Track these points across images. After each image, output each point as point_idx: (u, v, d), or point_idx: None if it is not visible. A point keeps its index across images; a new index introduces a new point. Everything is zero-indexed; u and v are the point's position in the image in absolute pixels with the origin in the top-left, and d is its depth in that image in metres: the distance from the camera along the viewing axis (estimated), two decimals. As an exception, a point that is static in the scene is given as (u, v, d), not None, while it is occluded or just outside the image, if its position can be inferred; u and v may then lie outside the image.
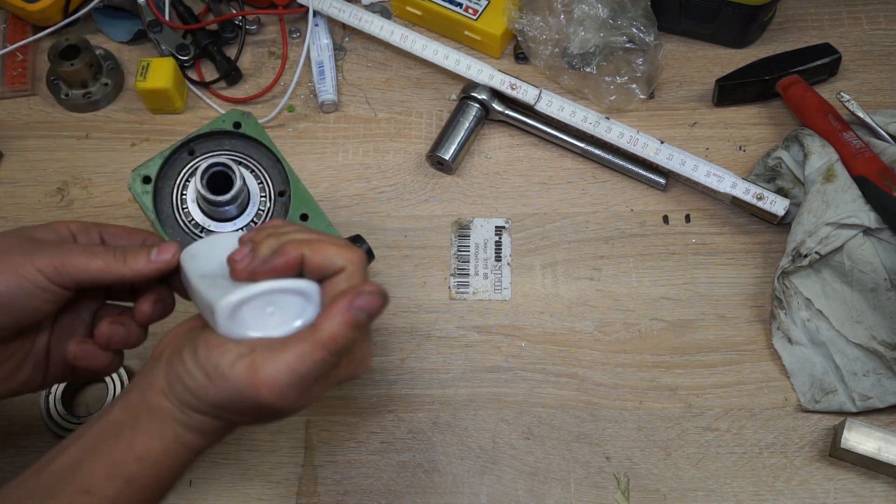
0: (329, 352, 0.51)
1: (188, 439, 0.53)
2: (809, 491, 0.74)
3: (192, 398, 0.52)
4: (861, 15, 0.95)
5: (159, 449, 0.53)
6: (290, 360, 0.50)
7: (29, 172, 0.88)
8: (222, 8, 0.95)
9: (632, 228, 0.85)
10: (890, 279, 0.77)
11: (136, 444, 0.53)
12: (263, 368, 0.50)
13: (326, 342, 0.50)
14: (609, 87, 0.89)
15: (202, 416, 0.53)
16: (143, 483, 0.53)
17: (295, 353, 0.50)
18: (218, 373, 0.51)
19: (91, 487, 0.52)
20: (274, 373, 0.50)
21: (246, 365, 0.50)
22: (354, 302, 0.51)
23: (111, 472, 0.52)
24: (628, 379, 0.78)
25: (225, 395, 0.51)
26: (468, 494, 0.74)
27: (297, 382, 0.50)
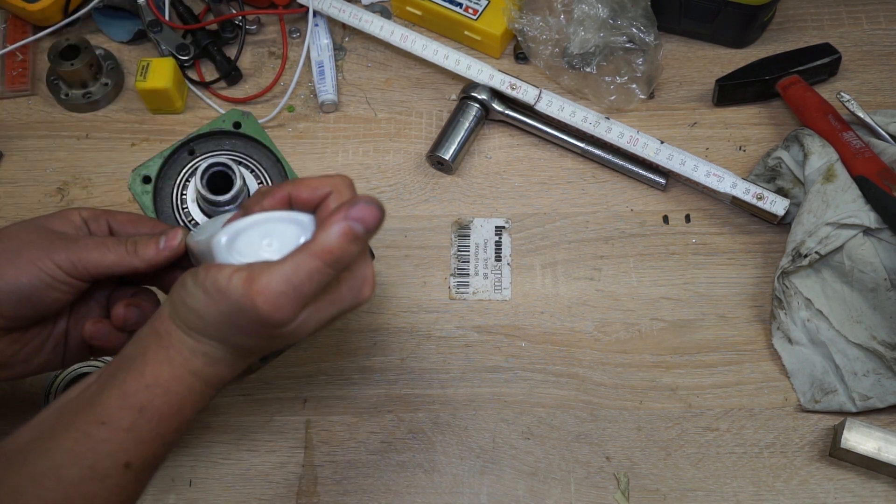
0: (325, 262, 0.50)
1: (196, 366, 0.54)
2: (809, 491, 0.74)
3: (194, 318, 0.52)
4: (861, 15, 0.95)
5: (168, 375, 0.53)
6: (286, 270, 0.50)
7: (29, 172, 0.88)
8: (222, 8, 0.95)
9: (632, 228, 0.85)
10: (890, 279, 0.77)
11: (146, 371, 0.53)
12: (259, 279, 0.50)
13: (321, 253, 0.50)
14: (609, 87, 0.89)
15: (207, 338, 0.53)
16: (156, 411, 0.53)
17: (291, 264, 0.50)
18: (216, 288, 0.51)
19: (106, 418, 0.52)
20: (268, 281, 0.50)
21: (243, 277, 0.50)
22: (349, 212, 0.51)
23: (124, 402, 0.53)
24: (628, 379, 0.78)
25: (224, 309, 0.51)
26: (468, 494, 0.74)
27: (293, 292, 0.50)
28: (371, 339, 0.80)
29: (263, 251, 0.53)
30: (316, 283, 0.51)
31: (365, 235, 0.52)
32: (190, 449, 0.76)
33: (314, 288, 0.51)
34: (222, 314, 0.51)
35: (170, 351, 0.53)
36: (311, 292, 0.51)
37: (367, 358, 0.80)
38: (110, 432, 0.52)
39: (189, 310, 0.53)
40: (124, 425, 0.52)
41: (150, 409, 0.53)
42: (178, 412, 0.54)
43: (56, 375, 0.76)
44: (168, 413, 0.54)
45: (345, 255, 0.51)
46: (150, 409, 0.53)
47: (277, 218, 0.54)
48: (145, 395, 0.53)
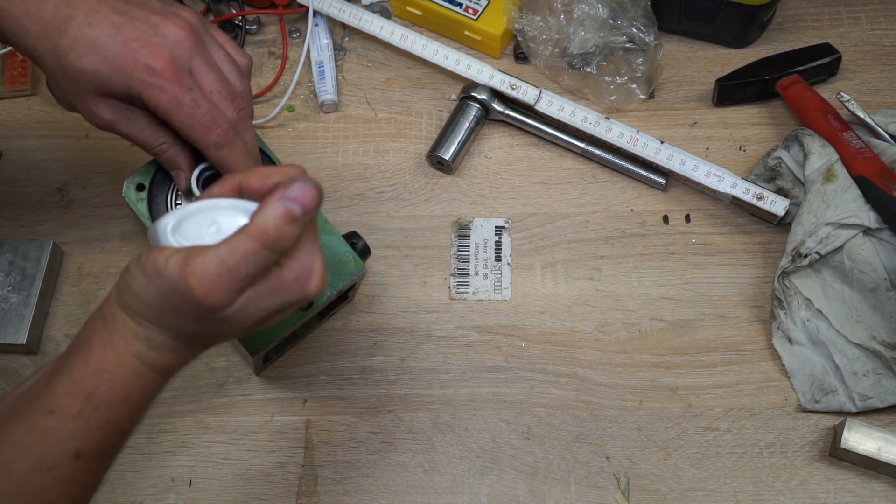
0: (261, 244, 0.50)
1: (139, 349, 0.53)
2: (809, 491, 0.74)
3: (135, 301, 0.52)
4: (861, 15, 0.95)
5: (113, 360, 0.52)
6: (221, 251, 0.50)
7: (29, 172, 0.88)
8: (222, 8, 0.95)
9: (632, 228, 0.85)
10: (890, 279, 0.77)
11: (91, 357, 0.53)
12: (194, 260, 0.50)
13: (257, 233, 0.50)
14: (609, 87, 0.89)
15: (148, 322, 0.52)
16: (104, 397, 0.52)
17: (226, 245, 0.50)
18: (155, 269, 0.50)
19: (54, 407, 0.52)
20: (203, 263, 0.49)
21: (180, 259, 0.50)
22: (285, 193, 0.50)
23: (72, 389, 0.52)
24: (628, 379, 0.78)
25: (162, 291, 0.50)
26: (468, 494, 0.74)
27: (227, 274, 0.49)
28: (371, 339, 0.80)
29: (207, 237, 0.53)
30: (252, 266, 0.50)
31: (302, 216, 0.51)
32: (190, 449, 0.76)
33: (250, 270, 0.50)
34: (160, 296, 0.51)
35: (114, 335, 0.53)
36: (246, 275, 0.50)
37: (367, 358, 0.80)
38: (58, 420, 0.52)
39: (131, 293, 0.52)
40: (72, 413, 0.52)
41: (97, 395, 0.52)
42: (125, 398, 0.53)
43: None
44: (116, 399, 0.53)
45: (282, 237, 0.50)
46: (97, 395, 0.52)
47: (224, 205, 0.54)
48: (92, 381, 0.52)
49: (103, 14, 0.58)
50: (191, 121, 0.60)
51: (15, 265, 0.80)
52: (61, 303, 0.82)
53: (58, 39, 0.58)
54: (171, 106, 0.59)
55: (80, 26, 0.58)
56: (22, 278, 0.80)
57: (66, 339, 0.80)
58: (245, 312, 0.52)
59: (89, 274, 0.83)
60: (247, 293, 0.51)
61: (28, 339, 0.78)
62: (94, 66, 0.58)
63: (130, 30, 0.58)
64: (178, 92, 0.59)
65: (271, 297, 0.52)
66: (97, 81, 0.59)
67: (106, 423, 0.53)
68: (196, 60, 0.60)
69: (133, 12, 0.59)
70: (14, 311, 0.78)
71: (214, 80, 0.61)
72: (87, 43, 0.58)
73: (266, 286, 0.52)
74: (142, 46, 0.58)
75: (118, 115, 0.61)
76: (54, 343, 0.80)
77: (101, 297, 0.82)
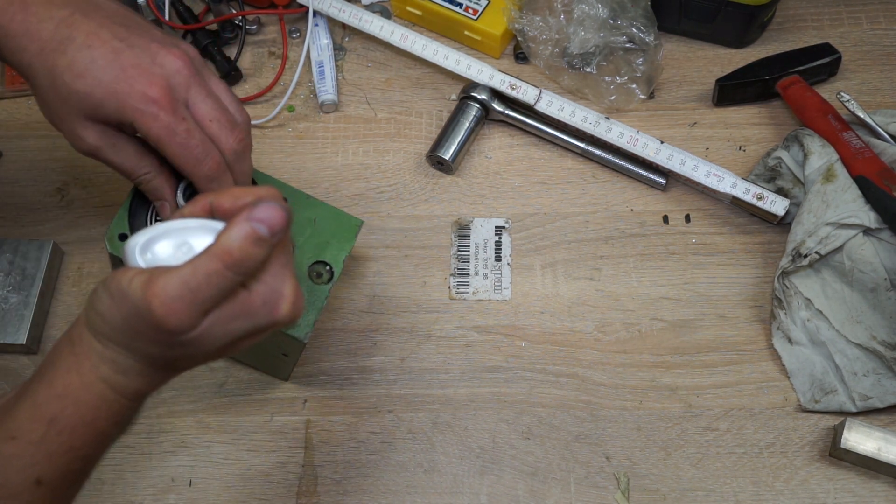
0: (225, 265, 0.48)
1: (105, 373, 0.51)
2: (809, 491, 0.74)
3: (100, 322, 0.51)
4: (861, 15, 0.95)
5: (78, 383, 0.51)
6: (184, 272, 0.48)
7: (29, 172, 0.88)
8: (222, 8, 0.95)
9: (632, 228, 0.85)
10: (890, 279, 0.77)
11: (55, 381, 0.51)
12: (156, 281, 0.48)
13: (221, 253, 0.48)
14: (609, 87, 0.89)
15: (114, 344, 0.51)
16: (67, 422, 0.51)
17: (189, 266, 0.48)
18: (119, 290, 0.49)
19: (16, 432, 0.51)
20: (164, 283, 0.48)
21: (143, 279, 0.49)
22: (252, 213, 0.49)
23: (34, 414, 0.51)
24: (628, 379, 0.78)
25: (125, 312, 0.49)
26: (468, 494, 0.74)
27: (189, 295, 0.48)
28: (371, 339, 0.80)
29: (177, 257, 0.51)
30: (215, 288, 0.48)
31: (269, 237, 0.49)
32: (190, 449, 0.76)
33: (214, 293, 0.48)
34: (123, 318, 0.50)
35: (80, 358, 0.51)
36: (209, 297, 0.48)
37: (367, 358, 0.80)
38: (19, 447, 0.50)
39: (96, 314, 0.51)
40: (34, 438, 0.50)
41: (60, 420, 0.51)
42: (90, 423, 0.51)
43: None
44: (80, 424, 0.51)
45: (246, 259, 0.49)
46: (60, 420, 0.51)
47: (194, 225, 0.52)
48: (55, 405, 0.51)
49: (103, 38, 0.58)
50: (183, 151, 0.59)
51: (15, 265, 0.80)
52: (61, 303, 0.82)
53: (55, 59, 0.58)
54: (164, 135, 0.59)
55: (79, 48, 0.57)
56: (22, 278, 0.80)
57: (66, 339, 0.80)
58: (210, 336, 0.50)
59: (89, 274, 0.83)
60: (211, 316, 0.49)
61: (28, 339, 0.78)
62: (87, 88, 0.58)
63: (129, 56, 0.58)
64: (171, 121, 0.58)
65: (237, 321, 0.50)
66: (89, 104, 0.58)
67: (69, 448, 0.51)
68: (193, 90, 0.60)
69: (133, 39, 0.59)
70: (14, 311, 0.78)
71: (213, 109, 0.60)
72: (84, 65, 0.57)
73: (231, 309, 0.50)
74: (139, 73, 0.58)
75: (104, 141, 0.61)
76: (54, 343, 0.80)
77: (101, 297, 0.82)
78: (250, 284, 0.51)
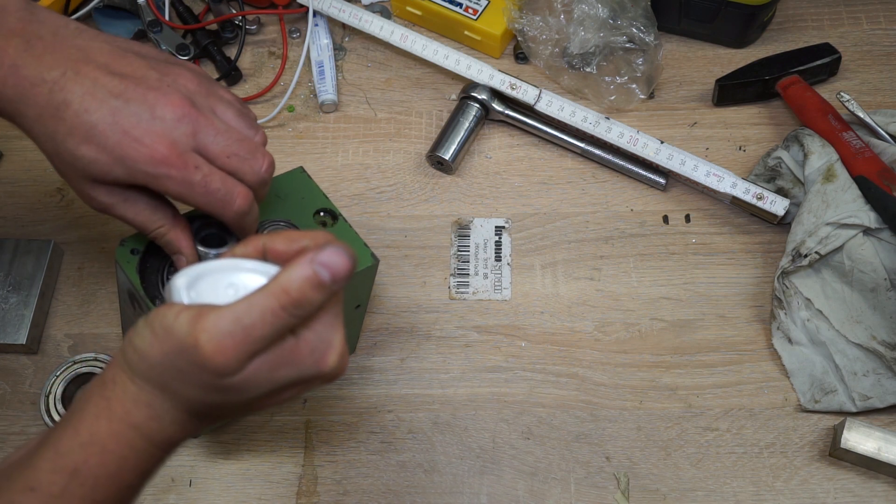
0: (281, 304, 0.46)
1: (138, 419, 0.49)
2: (809, 491, 0.74)
3: (138, 360, 0.48)
4: (861, 15, 0.95)
5: (106, 431, 0.48)
6: (237, 308, 0.46)
7: (29, 172, 0.88)
8: (222, 8, 0.95)
9: (632, 228, 0.85)
10: (890, 279, 0.77)
11: (81, 428, 0.49)
12: (207, 315, 0.46)
13: (278, 292, 0.46)
14: (609, 87, 0.89)
15: (150, 385, 0.48)
16: (91, 474, 0.48)
17: (243, 303, 0.46)
18: (163, 326, 0.47)
19: (35, 483, 0.48)
20: (216, 318, 0.46)
21: (191, 315, 0.47)
22: (316, 256, 0.47)
23: (56, 465, 0.48)
24: (628, 379, 0.78)
25: (167, 349, 0.47)
26: (468, 494, 0.74)
27: (241, 333, 0.46)
28: (371, 339, 0.80)
29: (224, 297, 0.49)
30: (269, 327, 0.46)
31: (330, 283, 0.47)
32: (190, 449, 0.76)
33: (266, 332, 0.46)
34: (165, 355, 0.47)
35: (111, 402, 0.49)
36: (261, 337, 0.46)
37: (367, 358, 0.80)
38: (38, 499, 0.48)
39: (134, 350, 0.49)
40: (55, 491, 0.48)
41: (83, 471, 0.48)
42: (115, 475, 0.49)
43: (55, 375, 0.76)
44: (104, 476, 0.48)
45: (304, 301, 0.47)
46: (83, 471, 0.48)
47: (245, 266, 0.50)
48: (79, 454, 0.48)
49: (99, 98, 0.55)
50: (206, 199, 0.57)
51: (15, 265, 0.80)
52: (61, 303, 0.82)
53: (55, 126, 0.56)
54: (182, 191, 0.57)
55: (76, 113, 0.55)
56: (22, 278, 0.80)
57: (65, 339, 0.80)
58: (254, 383, 0.48)
59: (89, 274, 0.83)
60: (257, 360, 0.47)
61: (28, 339, 0.78)
62: (92, 154, 0.56)
63: (128, 115, 0.55)
64: (184, 175, 0.56)
65: (284, 368, 0.48)
66: (96, 169, 0.56)
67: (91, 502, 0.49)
68: (201, 133, 0.57)
69: (129, 93, 0.56)
70: (14, 311, 0.78)
71: (227, 143, 0.58)
72: (85, 132, 0.55)
73: (279, 355, 0.48)
74: (141, 134, 0.55)
75: (115, 199, 0.58)
76: (54, 343, 0.80)
77: (101, 297, 0.82)
78: (299, 332, 0.49)
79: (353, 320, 0.75)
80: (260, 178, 0.59)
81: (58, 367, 0.77)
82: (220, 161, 0.58)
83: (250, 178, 0.59)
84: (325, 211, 0.69)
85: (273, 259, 0.51)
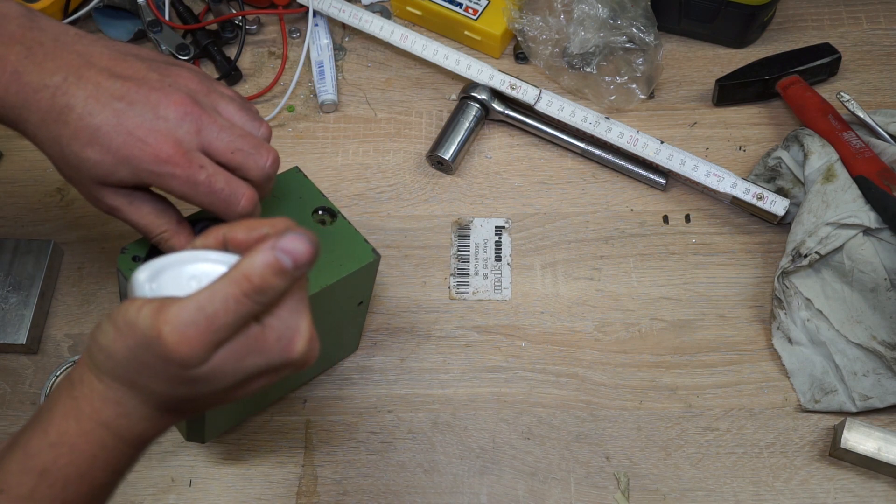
0: (243, 291, 0.46)
1: (107, 416, 0.48)
2: (809, 491, 0.74)
3: (103, 357, 0.48)
4: (861, 15, 0.95)
5: (74, 430, 0.48)
6: (199, 297, 0.46)
7: (29, 172, 0.88)
8: (222, 8, 0.95)
9: (632, 228, 0.85)
10: (890, 279, 0.77)
11: (50, 428, 0.48)
12: (169, 308, 0.46)
13: (240, 279, 0.46)
14: (609, 87, 0.89)
15: (117, 383, 0.48)
16: (60, 474, 0.48)
17: (205, 291, 0.46)
18: (126, 321, 0.47)
19: (4, 485, 0.47)
20: (178, 309, 0.45)
21: (153, 307, 0.46)
22: (278, 242, 0.46)
23: (25, 465, 0.48)
24: (628, 379, 0.78)
25: (131, 343, 0.47)
26: (468, 494, 0.74)
27: (204, 321, 0.45)
28: (371, 339, 0.80)
29: (185, 289, 0.48)
30: (232, 315, 0.46)
31: (292, 269, 0.46)
32: (190, 449, 0.76)
33: (229, 320, 0.46)
34: (129, 350, 0.47)
35: (79, 401, 0.48)
36: (224, 325, 0.46)
37: (367, 358, 0.80)
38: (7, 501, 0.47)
39: (99, 348, 0.48)
40: (23, 492, 0.47)
41: (52, 471, 0.47)
42: (86, 474, 0.48)
43: (55, 375, 0.76)
44: (74, 475, 0.48)
45: (266, 287, 0.46)
46: (52, 471, 0.47)
47: (205, 257, 0.50)
48: (48, 454, 0.47)
49: (102, 101, 0.56)
50: (211, 199, 0.57)
51: (15, 265, 0.80)
52: (61, 303, 0.82)
53: (58, 130, 0.56)
54: (187, 190, 0.57)
55: (80, 117, 0.55)
56: (22, 278, 0.80)
57: (65, 339, 0.80)
58: (221, 373, 0.47)
59: (89, 274, 0.83)
60: (223, 350, 0.47)
61: (28, 339, 0.78)
62: (97, 156, 0.56)
63: (131, 117, 0.56)
64: (189, 174, 0.56)
65: (250, 357, 0.48)
66: (101, 172, 0.56)
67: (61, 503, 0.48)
68: (204, 131, 0.57)
69: (132, 95, 0.56)
70: (14, 311, 0.78)
71: (231, 139, 0.58)
72: (90, 134, 0.55)
73: (244, 343, 0.47)
74: (145, 134, 0.56)
75: (121, 201, 0.58)
76: (54, 343, 0.80)
77: (101, 297, 0.82)
78: (264, 319, 0.48)
79: (356, 317, 0.75)
80: (265, 174, 0.59)
81: (58, 367, 0.77)
82: (224, 157, 0.58)
83: (255, 173, 0.59)
84: (323, 209, 0.69)
85: (234, 248, 0.50)
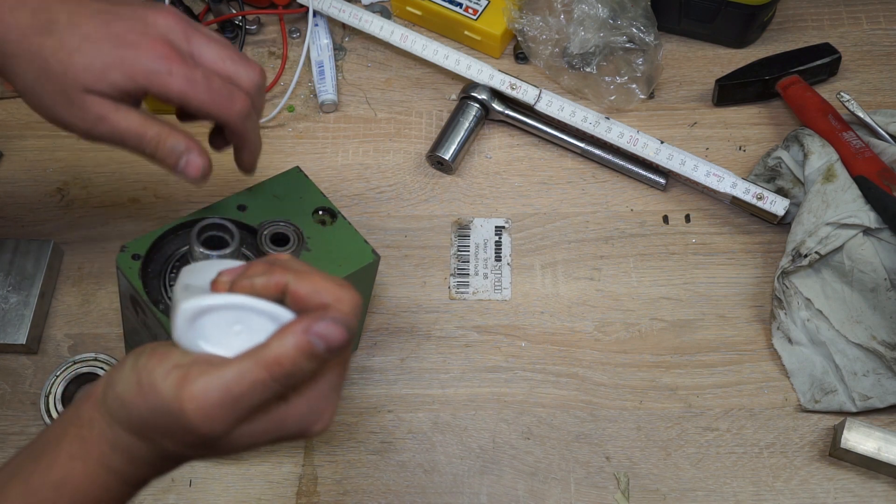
0: (271, 375, 0.44)
1: (115, 463, 0.47)
2: (809, 491, 0.74)
3: (119, 406, 0.46)
4: (861, 15, 0.95)
5: (80, 473, 0.47)
6: (226, 376, 0.44)
7: (29, 172, 0.88)
8: (222, 8, 0.95)
9: (632, 228, 0.85)
10: (890, 279, 0.77)
11: (55, 466, 0.47)
12: (195, 381, 0.44)
13: (270, 363, 0.44)
14: (609, 87, 0.89)
15: (129, 433, 0.47)
16: None
17: (233, 370, 0.44)
18: (149, 381, 0.45)
19: None
20: (204, 386, 0.44)
21: (178, 376, 0.45)
22: (312, 327, 0.45)
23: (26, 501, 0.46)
24: (628, 379, 0.78)
25: (151, 407, 0.45)
26: (468, 494, 0.74)
27: (230, 403, 0.44)
28: (371, 339, 0.80)
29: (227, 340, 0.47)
30: (258, 397, 0.45)
31: (325, 354, 0.45)
32: (190, 449, 0.76)
33: (255, 401, 0.45)
34: (150, 410, 0.45)
35: (88, 444, 0.47)
36: (249, 406, 0.45)
37: (367, 358, 0.80)
38: None
39: (116, 396, 0.46)
40: None
41: None
42: None
43: (55, 375, 0.76)
44: None
45: (295, 371, 0.45)
46: None
47: (258, 308, 0.47)
48: (50, 494, 0.46)
49: (88, 14, 0.55)
50: (209, 96, 0.56)
51: (15, 265, 0.80)
52: (61, 303, 0.82)
53: (41, 41, 0.54)
54: (185, 87, 0.56)
55: (66, 27, 0.55)
56: (22, 278, 0.80)
57: (65, 339, 0.80)
58: (237, 441, 0.46)
59: (89, 274, 0.83)
60: (244, 425, 0.46)
61: (28, 339, 0.78)
62: (87, 60, 0.54)
63: (120, 24, 0.56)
64: (187, 72, 0.56)
65: (270, 432, 0.47)
66: (90, 76, 0.55)
67: None
68: (194, 40, 0.57)
69: (117, 9, 0.56)
70: (14, 311, 0.78)
71: (220, 49, 0.58)
72: (78, 39, 0.54)
73: (266, 420, 0.46)
74: (137, 37, 0.55)
75: (108, 108, 0.56)
76: (54, 343, 0.80)
77: (101, 297, 0.82)
78: (290, 397, 0.47)
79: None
80: (255, 83, 0.59)
81: (58, 367, 0.77)
82: (216, 66, 0.58)
83: (246, 81, 0.59)
84: (323, 209, 0.69)
85: (292, 301, 0.47)
